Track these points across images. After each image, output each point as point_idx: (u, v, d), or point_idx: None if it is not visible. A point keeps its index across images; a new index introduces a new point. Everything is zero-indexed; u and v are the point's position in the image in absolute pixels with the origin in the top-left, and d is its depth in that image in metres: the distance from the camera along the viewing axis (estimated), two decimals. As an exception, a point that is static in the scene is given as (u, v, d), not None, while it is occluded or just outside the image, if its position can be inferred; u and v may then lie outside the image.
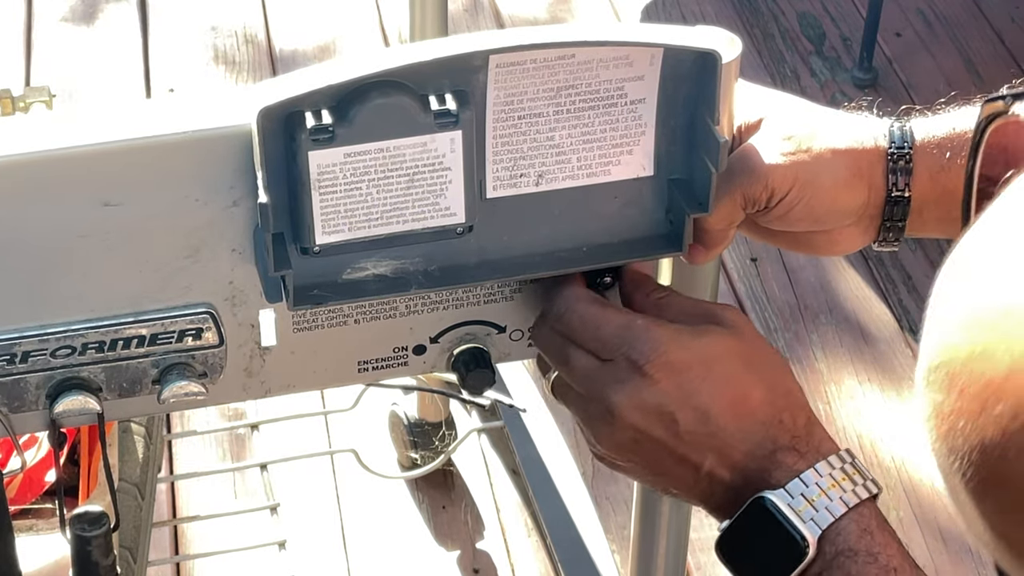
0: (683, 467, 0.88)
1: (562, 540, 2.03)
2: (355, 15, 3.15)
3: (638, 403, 0.87)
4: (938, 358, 0.44)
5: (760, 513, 0.85)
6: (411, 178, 0.85)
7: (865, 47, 2.94)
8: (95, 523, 0.97)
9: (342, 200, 0.84)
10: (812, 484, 0.84)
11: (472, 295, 0.95)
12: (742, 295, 2.55)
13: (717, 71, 0.85)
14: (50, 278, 0.87)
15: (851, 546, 0.83)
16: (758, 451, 0.86)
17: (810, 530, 0.83)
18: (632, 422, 0.87)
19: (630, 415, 0.87)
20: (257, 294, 0.90)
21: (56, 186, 0.84)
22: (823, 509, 0.84)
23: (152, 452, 1.50)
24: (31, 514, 1.39)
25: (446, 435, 2.11)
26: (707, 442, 0.86)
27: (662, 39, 0.86)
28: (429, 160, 0.85)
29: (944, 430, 0.44)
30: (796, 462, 0.85)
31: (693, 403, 0.86)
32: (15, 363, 0.88)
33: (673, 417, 0.86)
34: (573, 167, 0.89)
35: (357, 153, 0.83)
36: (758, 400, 0.87)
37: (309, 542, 2.13)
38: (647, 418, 0.87)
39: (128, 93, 2.92)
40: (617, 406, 0.87)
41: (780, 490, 0.84)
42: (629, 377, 0.87)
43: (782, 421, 0.87)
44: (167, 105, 0.87)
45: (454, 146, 0.84)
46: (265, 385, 0.95)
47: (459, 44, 0.83)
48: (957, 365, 0.43)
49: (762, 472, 0.86)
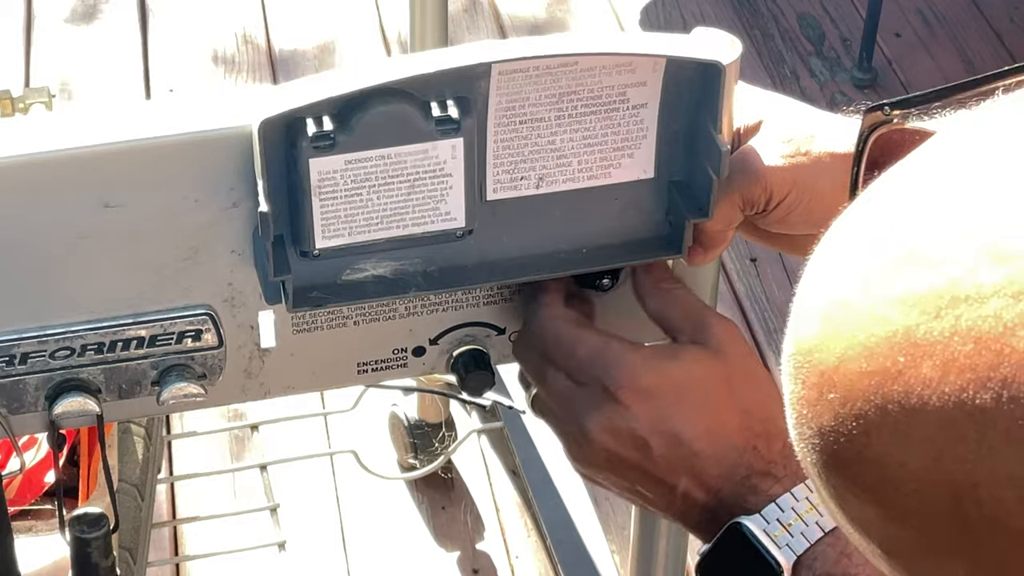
0: (659, 488, 0.88)
1: (562, 540, 2.03)
2: (355, 16, 3.15)
3: (610, 428, 0.87)
4: (788, 349, 0.48)
5: (736, 538, 0.84)
6: (412, 184, 0.85)
7: (865, 47, 2.94)
8: (94, 524, 0.97)
9: (342, 206, 0.84)
10: (788, 509, 0.84)
11: (471, 297, 0.95)
12: (742, 295, 2.55)
13: (720, 80, 0.85)
14: (50, 279, 0.87)
15: (828, 571, 0.82)
16: (732, 475, 0.86)
17: (785, 556, 0.83)
18: (605, 446, 0.88)
19: (602, 439, 0.87)
20: (256, 296, 0.90)
21: (56, 187, 0.84)
22: (799, 535, 0.83)
23: (152, 453, 1.50)
24: (30, 515, 1.39)
25: (446, 436, 2.11)
26: (680, 464, 0.87)
27: (665, 50, 0.86)
28: (430, 167, 0.84)
29: (794, 418, 0.47)
30: (771, 487, 0.85)
31: (665, 428, 0.87)
32: (14, 364, 0.88)
33: (645, 442, 0.87)
34: (574, 170, 0.89)
35: (358, 160, 0.83)
36: (734, 426, 0.87)
37: (309, 543, 2.13)
38: (620, 442, 0.87)
39: (128, 93, 2.92)
40: (590, 431, 0.88)
41: (756, 515, 0.84)
42: (602, 403, 0.87)
43: (756, 448, 0.86)
44: (167, 106, 0.87)
45: (455, 153, 0.84)
46: (264, 387, 0.95)
47: (462, 55, 0.83)
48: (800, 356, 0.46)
49: (736, 497, 0.86)
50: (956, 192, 0.44)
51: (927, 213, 0.44)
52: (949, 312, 0.42)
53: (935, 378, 0.42)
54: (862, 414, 0.43)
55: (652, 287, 0.93)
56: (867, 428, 0.43)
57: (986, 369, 0.41)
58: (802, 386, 0.46)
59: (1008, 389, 0.40)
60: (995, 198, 0.42)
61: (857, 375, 0.44)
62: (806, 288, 0.48)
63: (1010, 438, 0.40)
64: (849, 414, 0.44)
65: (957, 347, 0.41)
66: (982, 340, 0.41)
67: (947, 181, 0.44)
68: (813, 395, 0.45)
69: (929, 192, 0.45)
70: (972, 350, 0.41)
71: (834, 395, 0.44)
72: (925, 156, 0.46)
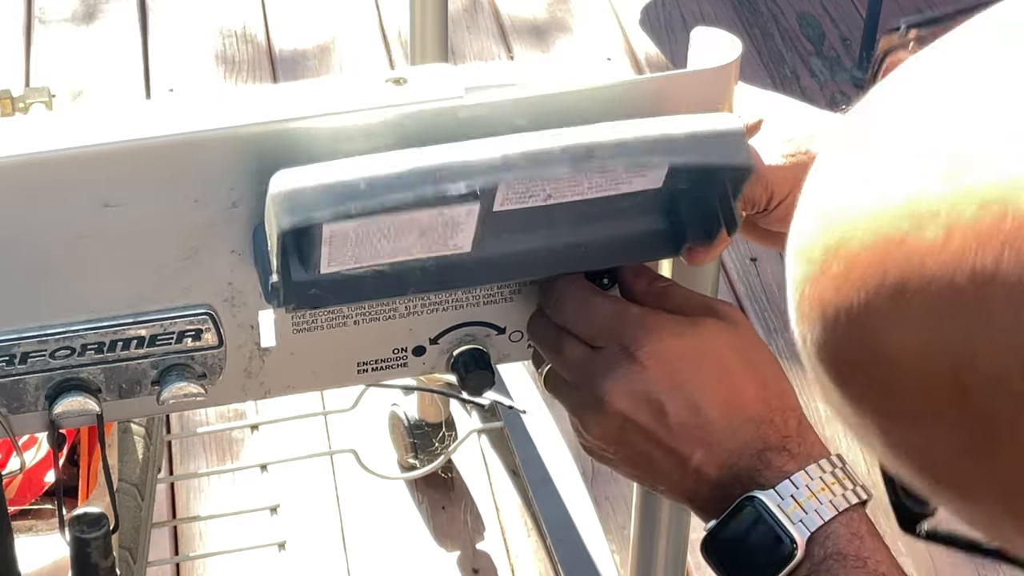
0: (671, 460, 0.87)
1: (562, 540, 2.03)
2: (355, 16, 3.15)
3: (627, 390, 0.86)
4: (792, 241, 0.47)
5: (749, 513, 0.84)
6: (423, 232, 0.84)
7: (865, 47, 2.94)
8: (94, 525, 0.97)
9: (351, 249, 0.83)
10: (802, 486, 0.84)
11: (471, 296, 0.95)
12: (742, 295, 2.55)
13: (746, 176, 0.85)
14: (50, 279, 0.87)
15: (840, 550, 0.83)
16: (747, 449, 0.86)
17: (799, 531, 0.83)
18: (620, 409, 0.86)
19: (619, 402, 0.86)
20: (256, 295, 0.90)
21: (56, 187, 0.84)
22: (812, 512, 0.83)
23: (152, 452, 1.50)
24: (31, 515, 1.39)
25: (446, 436, 2.11)
26: (696, 435, 0.86)
27: (686, 153, 0.84)
28: (444, 222, 0.83)
29: (795, 299, 0.46)
30: (786, 463, 0.85)
31: (683, 393, 0.86)
32: (14, 364, 0.88)
33: (662, 406, 0.86)
34: (583, 188, 0.88)
35: (371, 221, 0.82)
36: (751, 397, 0.87)
37: (309, 542, 2.13)
38: (636, 405, 0.86)
39: (128, 93, 2.92)
40: (606, 393, 0.87)
41: (770, 490, 0.84)
42: (620, 364, 0.87)
43: (773, 421, 0.86)
44: (167, 106, 0.87)
45: (470, 213, 0.83)
46: (264, 386, 0.95)
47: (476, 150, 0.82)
48: (802, 237, 0.46)
49: (751, 471, 0.85)
50: (951, 91, 0.44)
51: (926, 118, 0.44)
52: (958, 174, 0.41)
53: (938, 242, 0.41)
54: (863, 283, 0.43)
55: (644, 290, 0.93)
56: (867, 299, 0.43)
57: (988, 229, 0.40)
58: (805, 264, 0.45)
59: (1010, 247, 0.39)
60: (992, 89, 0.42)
61: (860, 246, 0.43)
62: (807, 192, 0.47)
63: (1011, 302, 0.40)
64: (851, 285, 0.43)
65: (962, 209, 0.40)
66: (986, 202, 0.40)
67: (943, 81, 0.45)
68: (816, 271, 0.45)
69: (926, 95, 0.45)
70: (975, 211, 0.40)
71: (837, 268, 0.44)
72: (923, 58, 0.47)
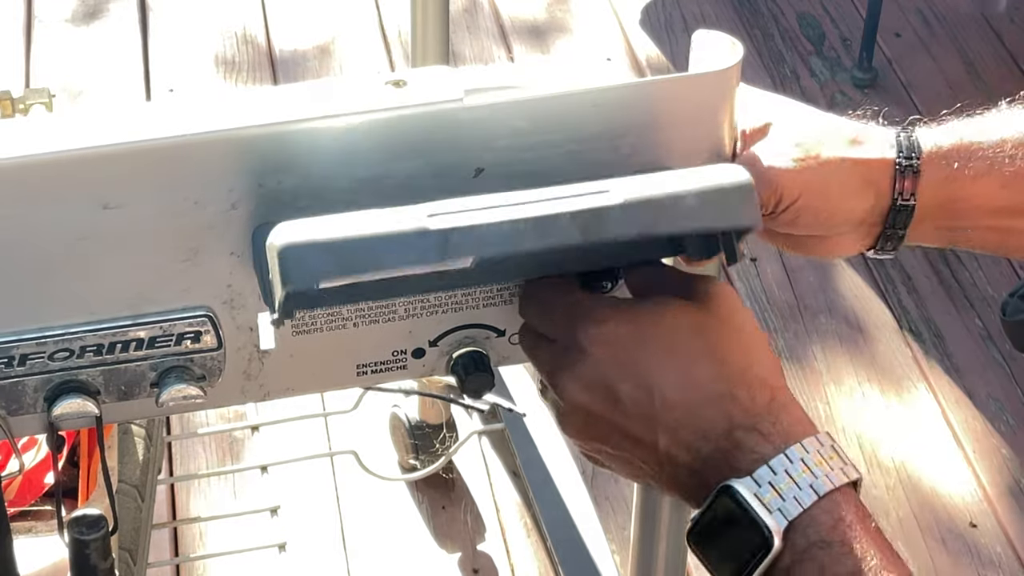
0: (640, 449, 0.85)
1: (562, 540, 2.03)
2: (355, 16, 3.15)
3: (581, 381, 0.85)
4: None
5: (724, 503, 0.81)
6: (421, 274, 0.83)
7: (865, 47, 2.94)
8: (93, 526, 0.97)
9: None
10: (780, 472, 0.80)
11: (471, 298, 0.95)
12: (742, 295, 2.55)
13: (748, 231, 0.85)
14: (49, 281, 0.86)
15: (823, 537, 0.79)
16: (712, 429, 0.83)
17: (776, 520, 0.80)
18: (579, 402, 0.85)
19: (575, 394, 0.85)
20: (256, 297, 0.90)
21: (55, 188, 0.83)
22: (791, 498, 0.80)
23: (152, 454, 1.50)
24: (31, 516, 1.39)
25: (447, 437, 2.11)
26: (656, 416, 0.84)
27: (697, 220, 0.84)
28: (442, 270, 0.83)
29: None
30: (759, 443, 0.82)
31: (631, 375, 0.84)
32: (13, 366, 0.88)
33: (614, 392, 0.84)
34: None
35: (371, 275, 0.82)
36: (705, 375, 0.84)
37: (309, 544, 2.13)
38: (590, 394, 0.85)
39: (128, 93, 2.92)
40: (564, 388, 0.86)
41: (747, 478, 0.81)
42: (570, 355, 0.86)
43: (736, 397, 0.83)
44: (166, 107, 0.87)
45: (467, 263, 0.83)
46: (264, 388, 0.95)
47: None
48: None
49: (724, 454, 0.82)
50: None
51: None
52: None
53: None
54: None
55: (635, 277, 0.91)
56: None
57: None
58: None
59: None
60: None
61: None
62: None
63: None
64: None
65: None
66: None
67: None
68: None
69: None
70: None
71: None
72: None
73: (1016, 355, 2.43)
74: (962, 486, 2.26)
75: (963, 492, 2.25)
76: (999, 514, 2.22)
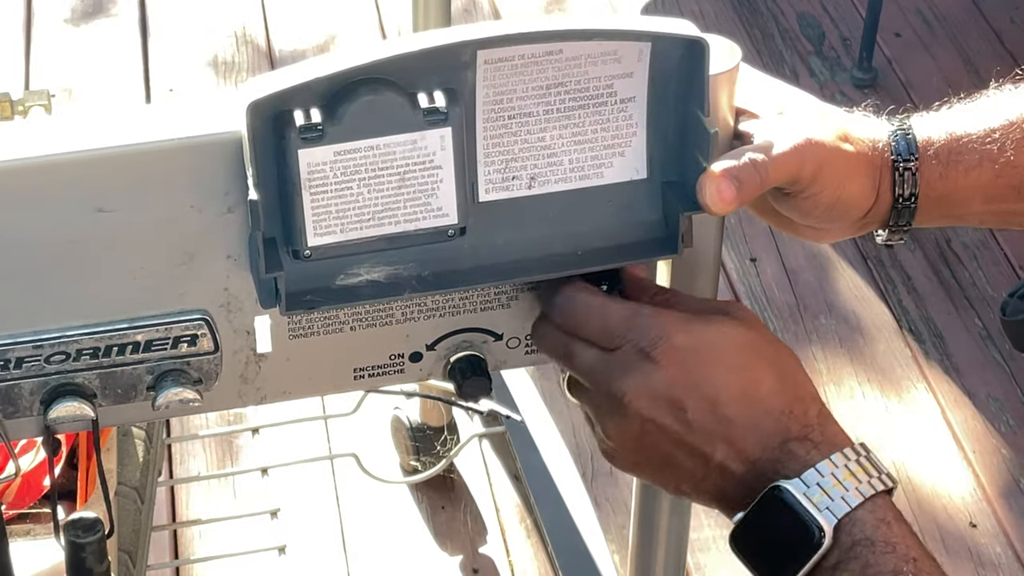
0: (693, 459, 0.87)
1: (562, 541, 2.03)
2: (355, 16, 3.15)
3: (646, 390, 0.86)
4: None
5: (775, 503, 0.84)
6: (402, 177, 0.85)
7: (864, 47, 2.93)
8: (89, 530, 0.97)
9: (333, 200, 0.84)
10: (827, 475, 0.84)
11: (469, 302, 0.95)
12: (742, 295, 2.55)
13: (704, 60, 0.85)
14: (45, 284, 0.86)
15: (868, 536, 0.83)
16: (769, 442, 0.86)
17: (826, 519, 0.83)
18: (640, 410, 0.86)
19: (638, 403, 0.86)
20: (252, 300, 0.90)
21: (50, 192, 0.83)
22: (839, 499, 0.83)
23: (152, 456, 1.49)
24: (29, 519, 1.39)
25: (448, 439, 2.11)
26: (717, 431, 0.86)
27: (648, 27, 0.86)
28: (419, 158, 0.84)
29: None
30: (809, 452, 0.85)
31: (702, 390, 0.86)
32: (9, 369, 0.88)
33: (682, 404, 0.86)
34: (565, 169, 0.89)
35: (347, 151, 0.83)
36: (768, 390, 0.87)
37: (309, 547, 2.13)
38: (655, 405, 0.86)
39: (127, 94, 2.92)
40: (625, 394, 0.87)
41: (796, 480, 0.84)
42: (637, 364, 0.87)
43: (792, 412, 0.86)
44: (161, 110, 0.87)
45: (444, 144, 0.84)
46: (261, 392, 0.95)
47: (445, 36, 0.83)
48: None
49: (774, 463, 0.85)
50: None
51: None
52: None
53: None
54: None
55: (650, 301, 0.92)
56: None
57: None
58: None
59: None
60: None
61: None
62: None
63: None
64: None
65: None
66: None
67: None
68: None
69: None
70: None
71: None
72: None
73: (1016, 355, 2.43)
74: (962, 486, 2.26)
75: (963, 492, 2.25)
76: (999, 514, 2.22)
